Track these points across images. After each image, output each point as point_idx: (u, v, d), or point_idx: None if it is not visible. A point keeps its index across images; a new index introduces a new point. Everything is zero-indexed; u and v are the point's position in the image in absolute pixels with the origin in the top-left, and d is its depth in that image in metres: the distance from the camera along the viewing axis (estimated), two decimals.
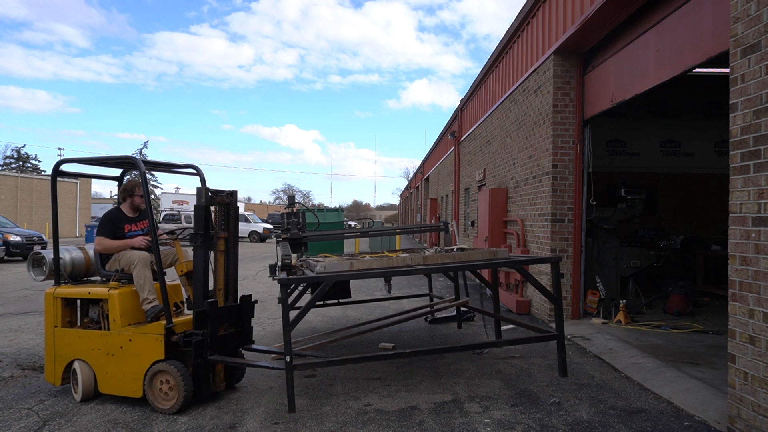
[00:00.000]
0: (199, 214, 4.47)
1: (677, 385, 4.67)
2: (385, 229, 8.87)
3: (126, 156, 4.63)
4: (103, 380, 4.47)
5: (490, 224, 10.01)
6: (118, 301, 4.44)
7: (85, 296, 4.64)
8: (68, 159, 4.85)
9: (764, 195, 3.33)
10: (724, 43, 4.17)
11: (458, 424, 3.98)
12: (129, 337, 4.39)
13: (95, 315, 4.65)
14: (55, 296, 4.65)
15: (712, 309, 8.28)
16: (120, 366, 4.39)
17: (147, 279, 4.56)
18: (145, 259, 4.62)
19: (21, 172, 45.15)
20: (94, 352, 4.48)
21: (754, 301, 3.39)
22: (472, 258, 5.19)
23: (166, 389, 4.24)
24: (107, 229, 4.85)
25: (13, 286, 11.36)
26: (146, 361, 4.30)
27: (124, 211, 5.00)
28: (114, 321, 4.42)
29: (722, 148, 11.49)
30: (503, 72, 10.82)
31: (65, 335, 4.61)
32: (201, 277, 4.46)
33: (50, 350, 4.63)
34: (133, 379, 4.34)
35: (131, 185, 5.07)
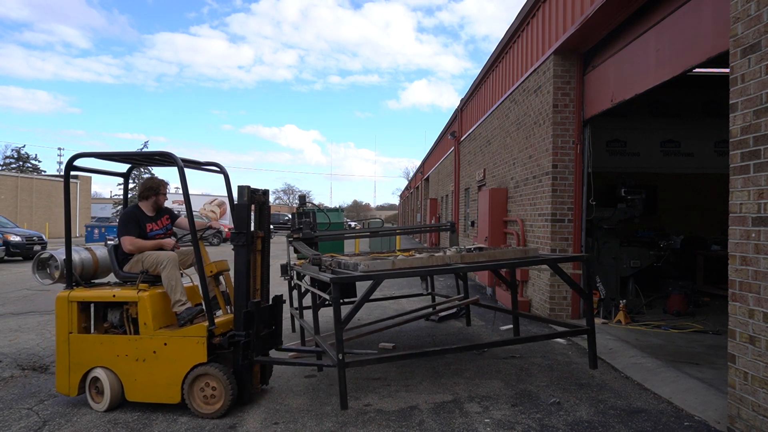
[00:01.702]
0: (241, 212, 4.34)
1: (677, 385, 4.67)
2: (394, 228, 8.89)
3: (162, 151, 4.42)
4: (131, 388, 4.24)
5: (490, 224, 10.01)
6: (150, 303, 4.24)
7: (108, 299, 4.38)
8: (84, 153, 4.48)
9: (764, 195, 3.33)
10: (724, 43, 4.17)
11: (458, 424, 3.97)
12: (164, 340, 4.20)
13: (115, 319, 4.42)
14: (70, 300, 4.37)
15: (712, 309, 8.28)
16: (153, 372, 4.20)
17: (178, 280, 4.40)
18: (174, 259, 4.46)
19: (21, 172, 45.14)
20: (120, 359, 4.25)
21: (754, 301, 3.39)
22: (506, 256, 5.26)
23: (209, 393, 4.11)
24: (134, 227, 4.63)
25: (13, 286, 11.36)
26: (185, 365, 4.14)
27: (144, 210, 4.81)
28: (145, 325, 4.22)
29: (722, 148, 11.49)
30: (503, 72, 10.82)
31: (83, 342, 4.34)
32: (244, 277, 4.32)
33: (64, 358, 4.36)
34: (169, 385, 4.16)
35: (156, 183, 4.86)
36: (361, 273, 4.39)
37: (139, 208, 4.81)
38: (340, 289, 4.26)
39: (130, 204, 5.02)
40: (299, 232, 5.65)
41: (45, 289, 10.85)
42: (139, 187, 4.95)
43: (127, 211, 4.78)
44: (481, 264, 5.06)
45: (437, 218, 23.35)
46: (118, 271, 4.63)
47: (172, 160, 4.39)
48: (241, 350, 4.19)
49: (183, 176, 4.30)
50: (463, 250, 5.38)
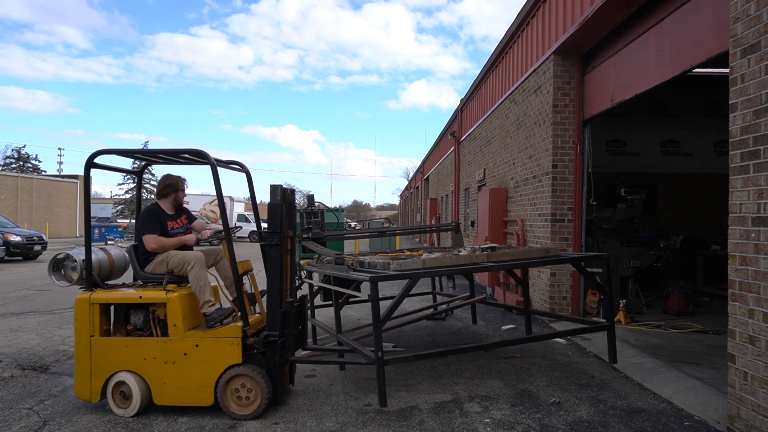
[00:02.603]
0: (275, 212, 4.26)
1: (677, 385, 4.67)
2: (402, 228, 8.92)
3: (194, 149, 4.28)
4: (160, 391, 4.13)
5: (490, 224, 10.01)
6: (179, 304, 4.15)
7: (133, 301, 4.25)
8: (106, 150, 4.32)
9: (764, 195, 3.33)
10: (724, 43, 4.17)
11: (458, 424, 3.98)
12: (195, 342, 4.10)
13: (139, 321, 4.30)
14: (91, 302, 4.19)
15: (712, 309, 8.28)
16: (184, 374, 4.10)
17: (206, 281, 4.33)
18: (202, 259, 4.38)
19: (21, 172, 45.17)
20: (148, 362, 4.13)
21: (753, 301, 3.40)
22: (529, 255, 5.30)
23: (244, 394, 4.05)
24: (155, 225, 4.51)
25: (13, 286, 11.36)
26: (219, 367, 4.07)
27: (164, 208, 4.69)
28: (175, 326, 4.12)
29: (722, 148, 11.49)
30: (503, 72, 10.82)
31: (107, 345, 4.18)
32: (277, 277, 4.25)
33: (85, 363, 4.18)
34: (202, 387, 4.09)
35: (175, 180, 4.73)
36: (397, 272, 4.42)
37: (159, 206, 4.69)
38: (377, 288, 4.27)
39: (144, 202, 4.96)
40: (309, 231, 5.61)
41: (45, 289, 10.86)
42: (157, 184, 4.83)
43: (148, 209, 4.65)
44: (507, 263, 5.11)
45: (437, 218, 23.34)
46: (139, 271, 4.50)
47: (204, 158, 4.27)
48: (278, 350, 4.16)
49: (216, 174, 4.21)
50: (478, 250, 5.40)
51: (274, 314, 4.21)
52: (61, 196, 36.47)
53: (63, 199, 36.64)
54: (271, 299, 4.25)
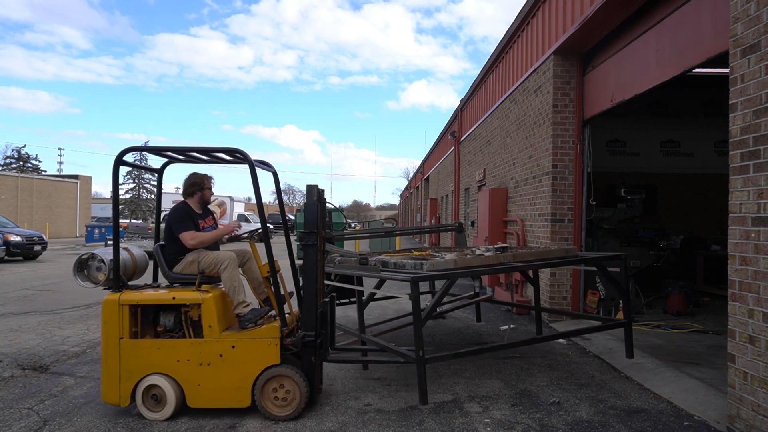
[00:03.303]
0: (311, 211, 4.24)
1: (677, 385, 4.67)
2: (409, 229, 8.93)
3: (231, 147, 4.18)
4: (194, 393, 4.07)
5: (490, 224, 10.01)
6: (214, 305, 4.10)
7: (166, 302, 4.16)
8: (135, 147, 4.19)
9: (764, 195, 3.33)
10: (723, 43, 4.17)
11: (458, 424, 3.98)
12: (231, 343, 4.06)
13: (169, 322, 4.22)
14: (121, 303, 4.09)
15: (712, 309, 8.28)
16: (219, 376, 4.05)
17: (240, 281, 4.29)
18: (235, 259, 4.32)
19: (21, 172, 45.16)
20: (181, 364, 4.06)
21: (753, 301, 3.40)
22: (552, 255, 5.39)
23: (282, 395, 4.03)
24: (190, 222, 4.43)
25: (13, 286, 11.36)
26: (256, 368, 4.04)
27: (192, 206, 4.60)
28: (210, 327, 4.06)
29: (722, 148, 11.49)
30: (503, 72, 10.82)
31: (138, 347, 4.08)
32: (314, 277, 4.20)
33: (114, 366, 4.07)
34: (238, 389, 4.05)
35: (200, 178, 4.65)
36: (435, 272, 4.46)
37: (188, 204, 4.60)
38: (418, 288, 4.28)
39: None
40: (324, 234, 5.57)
41: (45, 289, 10.86)
42: (183, 183, 4.71)
43: (178, 207, 4.54)
44: (532, 263, 5.17)
45: (437, 218, 23.35)
46: (168, 272, 4.41)
47: (242, 156, 4.19)
48: (316, 350, 4.16)
49: (254, 174, 4.18)
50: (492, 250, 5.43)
51: (311, 314, 4.18)
52: (61, 196, 36.46)
53: (63, 199, 36.63)
54: (307, 299, 4.21)
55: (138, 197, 50.73)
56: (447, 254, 5.38)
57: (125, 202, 50.51)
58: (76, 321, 7.70)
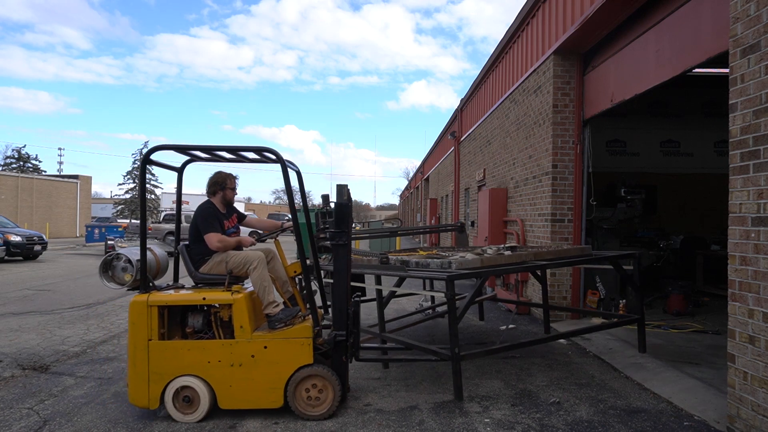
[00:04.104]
0: (342, 211, 4.20)
1: (677, 385, 4.67)
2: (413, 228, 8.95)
3: (263, 147, 4.11)
4: (225, 394, 4.04)
5: (490, 224, 10.01)
6: (246, 305, 4.07)
7: (195, 302, 4.11)
8: (163, 146, 4.12)
9: (764, 195, 3.33)
10: (723, 43, 4.17)
11: (458, 424, 3.98)
12: (263, 343, 4.03)
13: (198, 323, 4.18)
14: (149, 305, 4.03)
15: (712, 309, 8.27)
16: (252, 377, 4.03)
17: (269, 281, 4.28)
18: (264, 259, 4.29)
19: (21, 172, 45.14)
20: (212, 365, 4.02)
21: (753, 301, 3.40)
22: (569, 254, 5.55)
23: (315, 395, 4.03)
24: (216, 224, 4.36)
25: (13, 286, 11.36)
26: (289, 368, 4.02)
27: (216, 206, 4.54)
28: (241, 328, 4.03)
29: (722, 148, 11.49)
30: (503, 72, 10.82)
31: (167, 349, 4.03)
32: (344, 276, 4.19)
33: (142, 368, 4.02)
34: (271, 389, 4.03)
35: (223, 177, 4.58)
36: (469, 270, 4.56)
37: (213, 204, 4.54)
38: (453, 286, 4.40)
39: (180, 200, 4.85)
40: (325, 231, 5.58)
41: (45, 289, 10.86)
42: (207, 182, 4.64)
43: (205, 207, 4.47)
44: (550, 262, 5.27)
45: (437, 218, 23.36)
46: (195, 272, 4.37)
47: (273, 156, 4.15)
48: (348, 349, 4.17)
49: (287, 174, 4.16)
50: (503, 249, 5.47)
51: (342, 314, 4.17)
52: (61, 196, 36.46)
53: (63, 199, 36.64)
54: (338, 299, 4.19)
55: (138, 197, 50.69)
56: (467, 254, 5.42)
57: (125, 202, 50.49)
58: (76, 321, 7.70)
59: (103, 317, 7.96)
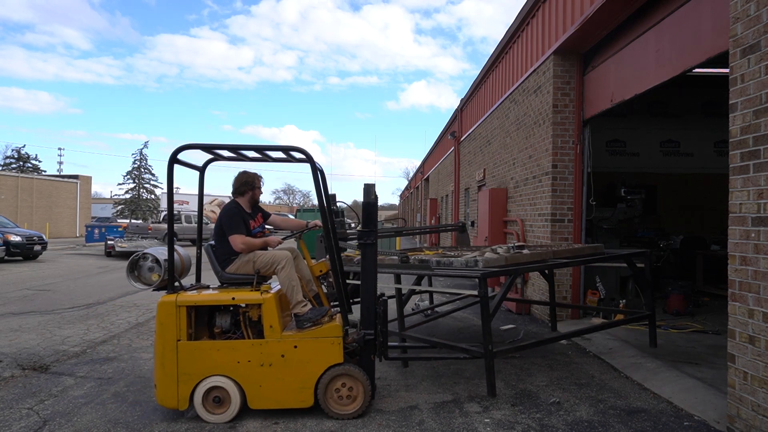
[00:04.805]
0: (370, 210, 4.21)
1: (677, 385, 4.67)
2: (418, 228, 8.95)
3: (294, 146, 4.10)
4: (255, 394, 4.03)
5: (490, 224, 10.01)
6: (275, 305, 4.08)
7: (224, 302, 4.13)
8: (190, 145, 4.08)
9: (764, 195, 3.33)
10: (723, 43, 4.17)
11: (458, 424, 3.98)
12: (293, 343, 4.03)
13: (226, 323, 4.18)
14: (178, 305, 4.02)
15: (712, 309, 8.28)
16: (282, 376, 4.03)
17: (297, 280, 4.27)
18: (291, 259, 4.29)
19: (21, 172, 45.13)
20: (242, 365, 4.01)
21: (753, 301, 3.40)
22: (584, 252, 5.70)
23: (345, 394, 4.04)
24: (240, 225, 4.35)
25: (13, 286, 11.36)
26: (319, 367, 4.04)
27: (243, 206, 4.53)
28: (271, 327, 4.03)
29: (722, 148, 11.49)
30: (503, 72, 10.82)
31: (196, 349, 4.01)
32: (372, 276, 4.21)
33: (171, 369, 3.99)
34: (301, 389, 4.04)
35: (251, 177, 4.57)
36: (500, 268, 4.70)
37: (239, 204, 4.53)
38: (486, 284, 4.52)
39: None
40: None
41: (45, 289, 10.86)
42: (233, 182, 4.63)
43: (231, 207, 4.47)
44: (567, 260, 5.37)
45: (437, 218, 23.35)
46: (221, 272, 4.36)
47: (304, 155, 4.14)
48: (377, 348, 4.19)
49: (316, 174, 4.16)
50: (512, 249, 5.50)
51: (371, 313, 4.18)
52: (61, 196, 36.45)
53: (63, 199, 36.63)
54: (367, 298, 4.20)
55: (138, 197, 50.72)
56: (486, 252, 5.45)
57: (125, 202, 50.48)
58: (76, 321, 7.70)
59: (103, 317, 7.96)
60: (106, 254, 19.58)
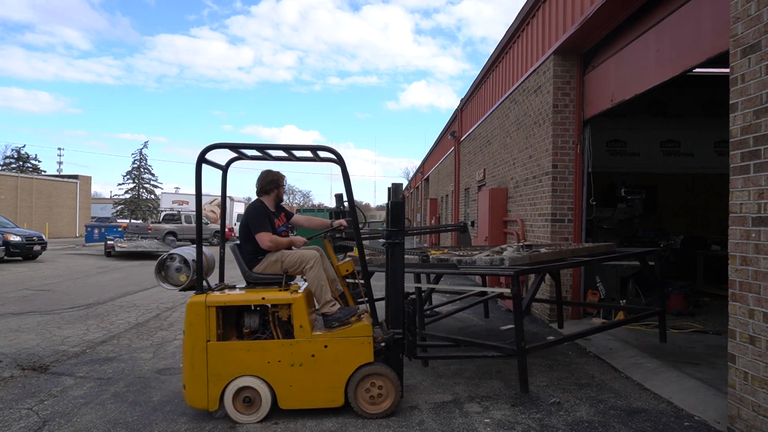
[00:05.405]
0: (397, 210, 4.24)
1: (677, 385, 4.67)
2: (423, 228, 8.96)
3: (325, 146, 4.08)
4: (286, 395, 4.03)
5: (490, 224, 10.01)
6: (305, 305, 4.08)
7: (254, 302, 4.12)
8: (219, 144, 4.08)
9: (764, 195, 3.33)
10: (724, 43, 4.16)
11: (458, 424, 3.97)
12: (323, 343, 4.04)
13: (254, 323, 4.16)
14: (208, 305, 4.00)
15: (712, 309, 8.27)
16: (312, 376, 4.03)
17: (325, 280, 4.26)
18: (319, 258, 4.28)
19: (21, 172, 45.12)
20: (272, 365, 4.00)
21: (754, 301, 3.39)
22: (598, 251, 5.81)
23: (375, 393, 4.04)
24: (267, 223, 4.33)
25: (13, 286, 11.36)
26: (350, 367, 4.04)
27: (267, 205, 4.52)
28: (301, 328, 4.03)
29: (722, 148, 11.49)
30: (503, 72, 10.82)
31: (226, 350, 4.00)
32: (401, 276, 4.21)
33: (201, 369, 3.98)
34: (332, 388, 4.05)
35: (276, 176, 4.57)
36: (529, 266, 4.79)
37: (264, 203, 4.51)
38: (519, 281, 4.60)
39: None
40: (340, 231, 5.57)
41: (45, 289, 10.86)
42: (257, 181, 4.59)
43: (256, 206, 4.45)
44: (584, 259, 5.44)
45: (437, 218, 23.35)
46: (248, 272, 4.35)
47: (334, 156, 4.16)
48: (406, 348, 4.21)
49: (346, 174, 4.15)
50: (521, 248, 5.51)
51: (399, 312, 4.19)
52: (60, 196, 36.43)
53: (63, 200, 36.61)
54: (395, 297, 4.21)
55: (138, 197, 50.71)
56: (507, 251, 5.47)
57: (125, 202, 50.46)
58: (76, 321, 7.70)
59: (102, 317, 7.96)
60: (105, 254, 19.57)
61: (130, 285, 11.69)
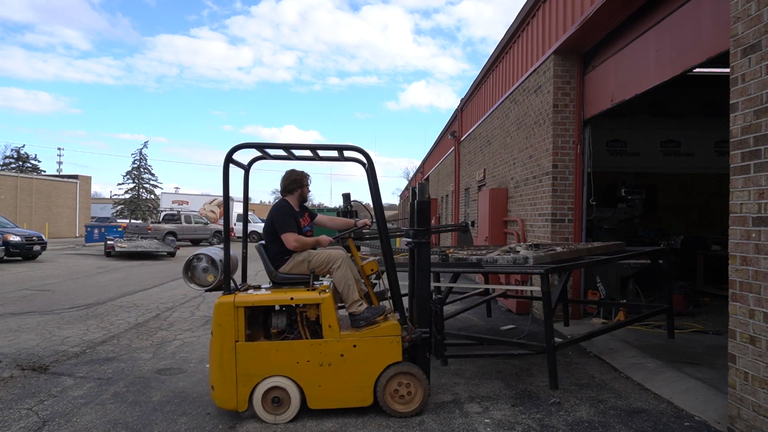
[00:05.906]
0: (423, 209, 4.24)
1: (677, 386, 4.67)
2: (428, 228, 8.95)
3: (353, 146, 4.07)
4: (315, 395, 4.02)
5: (491, 224, 10.01)
6: (333, 305, 4.06)
7: (283, 302, 4.11)
8: (246, 144, 4.05)
9: (764, 195, 3.33)
10: (724, 43, 4.16)
11: (458, 424, 3.97)
12: (352, 342, 4.03)
13: (282, 323, 4.15)
14: (236, 305, 3.99)
15: (712, 309, 8.27)
16: (341, 376, 4.03)
17: (353, 279, 4.24)
18: (347, 257, 4.27)
19: (21, 172, 45.10)
20: (301, 365, 4.00)
21: (754, 301, 3.39)
22: (611, 250, 5.89)
23: (404, 392, 4.05)
24: (292, 223, 4.31)
25: (13, 286, 11.35)
26: (378, 366, 4.04)
27: (292, 204, 4.51)
28: (330, 327, 4.02)
29: (722, 148, 11.49)
30: (503, 72, 10.81)
31: (254, 350, 3.99)
32: (427, 275, 4.23)
33: (229, 370, 3.97)
34: (360, 387, 4.04)
35: (300, 175, 4.56)
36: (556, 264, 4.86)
37: (288, 202, 4.50)
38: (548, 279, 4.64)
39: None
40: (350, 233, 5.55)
41: (45, 289, 10.86)
42: (281, 180, 4.58)
43: (282, 206, 4.44)
44: (600, 258, 5.48)
45: (437, 218, 23.33)
46: (274, 272, 4.33)
47: (363, 156, 4.17)
48: (434, 347, 4.23)
49: (373, 173, 4.14)
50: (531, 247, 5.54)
51: (426, 312, 4.20)
52: (60, 196, 36.41)
53: (63, 199, 36.60)
54: (422, 297, 4.21)
55: (138, 197, 50.69)
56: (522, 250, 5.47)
57: (125, 202, 50.43)
58: (76, 321, 7.69)
59: (102, 317, 7.95)
60: (105, 254, 19.56)
61: (130, 285, 11.69)
